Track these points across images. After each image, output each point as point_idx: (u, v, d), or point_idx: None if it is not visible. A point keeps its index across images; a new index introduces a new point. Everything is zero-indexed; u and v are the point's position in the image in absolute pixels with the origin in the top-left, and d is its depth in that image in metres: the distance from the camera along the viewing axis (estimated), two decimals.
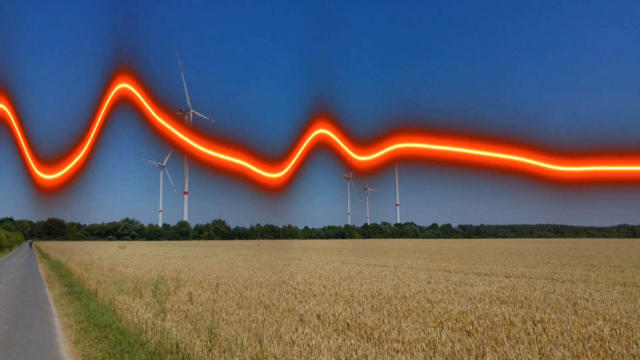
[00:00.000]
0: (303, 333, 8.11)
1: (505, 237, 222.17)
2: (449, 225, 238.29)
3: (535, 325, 8.80)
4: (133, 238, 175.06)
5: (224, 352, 6.93)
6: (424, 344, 7.30)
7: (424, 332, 8.10)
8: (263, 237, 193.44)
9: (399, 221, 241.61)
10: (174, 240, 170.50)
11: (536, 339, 7.66)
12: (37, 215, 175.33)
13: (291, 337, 7.70)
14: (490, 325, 8.70)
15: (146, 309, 11.24)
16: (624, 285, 15.89)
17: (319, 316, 9.86)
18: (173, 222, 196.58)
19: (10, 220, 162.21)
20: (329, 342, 7.37)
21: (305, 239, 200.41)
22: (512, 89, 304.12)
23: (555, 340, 7.56)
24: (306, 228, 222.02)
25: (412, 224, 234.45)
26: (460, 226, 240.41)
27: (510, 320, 9.19)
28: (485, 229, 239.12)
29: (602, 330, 8.16)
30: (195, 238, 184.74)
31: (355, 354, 6.70)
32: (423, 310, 10.49)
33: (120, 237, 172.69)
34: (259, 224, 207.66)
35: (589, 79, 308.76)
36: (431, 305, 11.25)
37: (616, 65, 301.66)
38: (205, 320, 9.34)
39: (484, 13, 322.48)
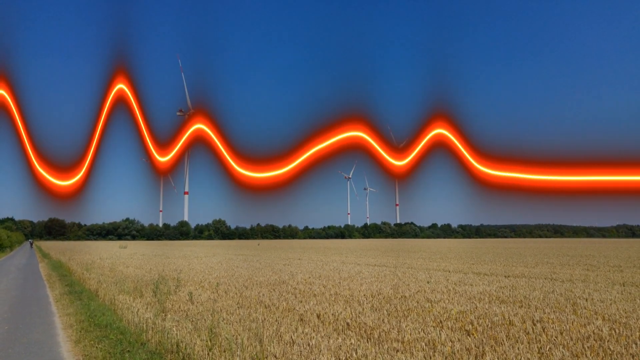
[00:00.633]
0: (303, 333, 8.13)
1: (505, 237, 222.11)
2: (449, 225, 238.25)
3: (534, 324, 8.82)
4: (134, 238, 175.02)
5: (224, 352, 6.95)
6: (423, 344, 7.32)
7: (423, 332, 8.13)
8: (263, 237, 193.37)
9: (398, 221, 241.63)
10: (174, 240, 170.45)
11: (535, 338, 7.68)
12: (38, 215, 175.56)
13: (291, 337, 7.72)
14: (489, 325, 8.73)
15: (147, 308, 11.26)
16: (623, 285, 15.92)
17: (319, 316, 9.88)
18: (173, 222, 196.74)
19: (11, 220, 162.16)
20: (329, 342, 7.39)
21: (305, 238, 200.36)
22: (507, 97, 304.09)
23: (554, 339, 7.58)
24: (306, 228, 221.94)
25: (412, 223, 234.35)
26: (460, 226, 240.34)
27: (509, 320, 9.21)
28: (484, 229, 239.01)
29: (602, 330, 8.19)
30: (195, 238, 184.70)
31: (355, 353, 6.73)
32: (423, 310, 10.52)
33: (120, 237, 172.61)
34: (259, 224, 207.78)
35: (586, 86, 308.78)
36: (431, 304, 11.28)
37: (616, 65, 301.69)
38: (205, 319, 9.37)
39: (479, 14, 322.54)
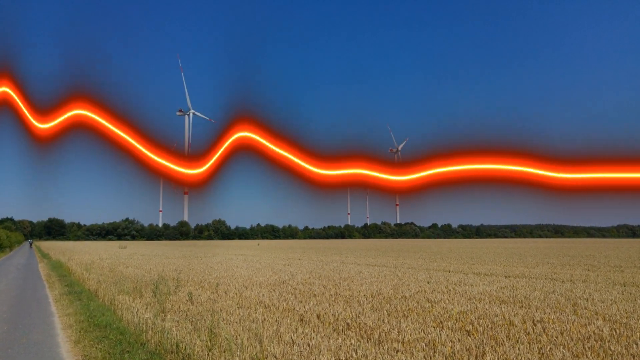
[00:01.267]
0: (303, 333, 8.11)
1: (505, 237, 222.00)
2: (449, 225, 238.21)
3: (535, 325, 8.80)
4: (133, 238, 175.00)
5: (224, 352, 6.94)
6: (423, 344, 7.30)
7: (423, 332, 8.11)
8: (263, 237, 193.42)
9: (398, 221, 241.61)
10: (174, 240, 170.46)
11: (536, 338, 7.66)
12: (38, 215, 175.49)
13: (291, 337, 7.70)
14: (490, 325, 8.71)
15: (146, 308, 11.24)
16: (624, 285, 15.90)
17: (319, 316, 9.87)
18: (173, 222, 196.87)
19: (11, 220, 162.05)
20: (328, 342, 7.37)
21: (305, 238, 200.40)
22: (508, 95, 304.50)
23: (555, 340, 7.57)
24: (306, 228, 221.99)
25: (412, 223, 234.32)
26: (460, 226, 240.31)
27: (510, 320, 9.19)
28: (485, 229, 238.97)
29: (602, 330, 8.17)
30: (195, 238, 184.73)
31: (355, 353, 6.71)
32: (423, 310, 10.50)
33: (120, 237, 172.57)
34: (259, 224, 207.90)
35: (586, 84, 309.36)
36: (431, 305, 11.26)
37: (616, 66, 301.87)
38: (205, 320, 9.35)
39: (481, 14, 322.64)
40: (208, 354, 6.95)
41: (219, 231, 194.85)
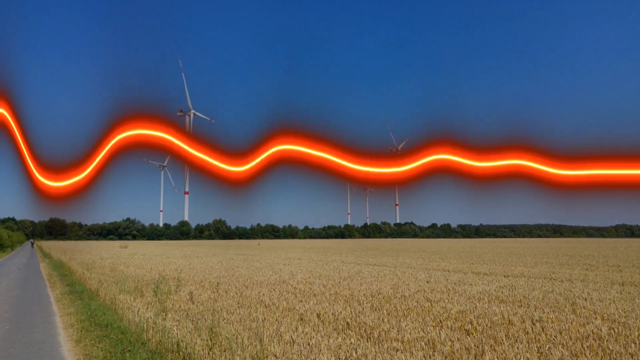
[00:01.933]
0: (303, 332, 8.16)
1: (504, 237, 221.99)
2: (448, 225, 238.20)
3: (534, 324, 8.84)
4: (134, 238, 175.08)
5: (225, 351, 6.98)
6: (423, 343, 7.34)
7: (423, 331, 8.15)
8: (263, 237, 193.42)
9: (398, 221, 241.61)
10: (174, 239, 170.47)
11: (535, 338, 7.71)
12: (39, 215, 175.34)
13: (291, 336, 7.74)
14: (489, 325, 8.75)
15: (147, 308, 11.29)
16: (622, 285, 15.94)
17: (319, 315, 9.91)
18: (174, 222, 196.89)
19: (12, 220, 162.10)
20: (328, 341, 7.42)
21: (305, 238, 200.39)
22: (511, 91, 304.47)
23: (553, 339, 7.61)
24: (306, 228, 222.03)
25: (412, 223, 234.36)
26: (460, 226, 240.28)
27: (509, 320, 9.23)
28: (484, 229, 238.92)
29: (601, 330, 8.21)
30: (196, 238, 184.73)
31: (355, 353, 6.75)
32: (422, 310, 10.54)
33: (121, 237, 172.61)
34: (259, 224, 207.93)
35: (586, 81, 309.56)
36: (430, 304, 11.30)
37: (616, 65, 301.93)
38: (205, 319, 9.39)
39: (480, 13, 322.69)
40: (209, 353, 6.99)
41: (219, 231, 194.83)
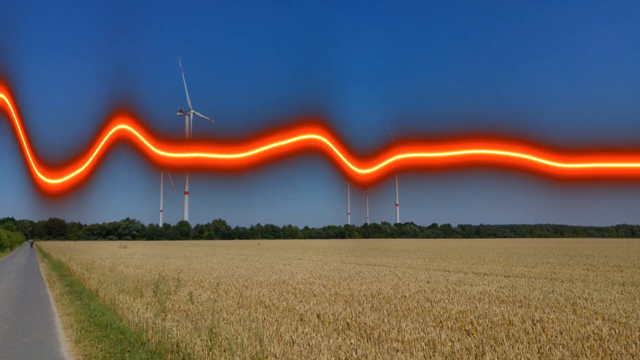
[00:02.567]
0: (303, 332, 8.14)
1: (505, 237, 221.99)
2: (449, 225, 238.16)
3: (534, 324, 8.83)
4: (134, 238, 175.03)
5: (225, 352, 6.96)
6: (423, 344, 7.33)
7: (423, 332, 8.14)
8: (263, 237, 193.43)
9: (398, 221, 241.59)
10: (174, 240, 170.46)
11: (535, 338, 7.69)
12: (38, 215, 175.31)
13: (291, 337, 7.73)
14: (489, 325, 8.73)
15: (147, 308, 11.27)
16: (623, 285, 15.92)
17: (319, 316, 9.89)
18: (173, 222, 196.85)
19: (12, 220, 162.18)
20: (328, 342, 7.40)
21: (305, 238, 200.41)
22: (511, 87, 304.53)
23: (554, 339, 7.59)
24: (306, 228, 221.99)
25: (412, 223, 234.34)
26: (460, 226, 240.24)
27: (509, 320, 9.22)
28: (484, 229, 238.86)
29: (601, 330, 8.19)
30: (195, 238, 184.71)
31: (355, 353, 6.73)
32: (423, 310, 10.53)
33: (121, 237, 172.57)
34: (259, 224, 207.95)
35: (589, 76, 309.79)
36: (431, 304, 11.28)
37: (616, 64, 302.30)
38: (205, 319, 9.38)
39: (481, 12, 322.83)
40: (208, 354, 6.97)
41: (219, 231, 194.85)
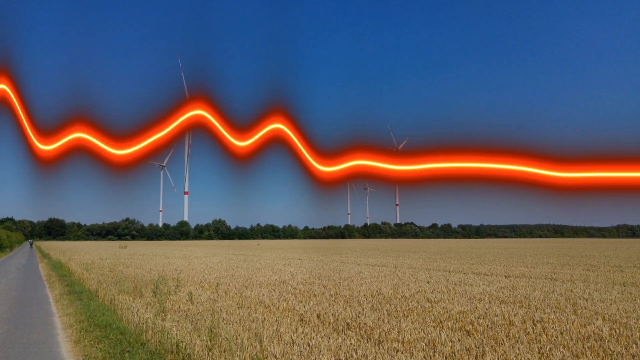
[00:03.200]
0: (303, 333, 8.13)
1: (505, 237, 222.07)
2: (449, 225, 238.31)
3: (534, 324, 8.81)
4: (133, 238, 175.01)
5: (224, 352, 6.95)
6: (423, 344, 7.31)
7: (423, 332, 8.12)
8: (263, 237, 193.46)
9: (398, 221, 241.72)
10: (174, 240, 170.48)
11: (536, 338, 7.67)
12: (38, 215, 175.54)
13: (291, 337, 7.71)
14: (489, 325, 8.72)
15: (146, 308, 11.26)
16: (624, 285, 15.91)
17: (319, 316, 9.88)
18: (173, 222, 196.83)
19: (11, 220, 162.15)
20: (328, 342, 7.38)
21: (305, 238, 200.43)
22: (508, 95, 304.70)
23: (554, 339, 7.57)
24: (306, 228, 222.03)
25: (412, 223, 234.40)
26: (460, 226, 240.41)
27: (509, 320, 9.20)
28: (484, 229, 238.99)
29: (602, 330, 8.18)
30: (195, 238, 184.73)
31: (355, 353, 6.72)
32: (423, 310, 10.51)
33: (120, 237, 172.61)
34: (259, 224, 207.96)
35: (586, 84, 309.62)
36: (431, 305, 11.27)
37: (615, 67, 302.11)
38: (205, 319, 9.36)
39: (479, 14, 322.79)
40: (208, 354, 6.96)
41: (219, 231, 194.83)
